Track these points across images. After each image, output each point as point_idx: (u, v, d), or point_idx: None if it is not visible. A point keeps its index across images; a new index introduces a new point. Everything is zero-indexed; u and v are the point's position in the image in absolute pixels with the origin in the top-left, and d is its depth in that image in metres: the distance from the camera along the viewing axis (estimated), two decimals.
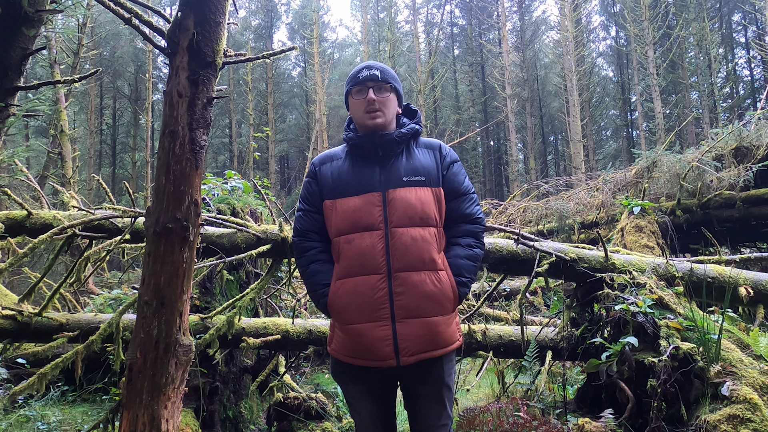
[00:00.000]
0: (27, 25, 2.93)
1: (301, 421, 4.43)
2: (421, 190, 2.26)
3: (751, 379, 3.06)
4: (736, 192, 7.56)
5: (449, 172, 2.37)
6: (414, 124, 2.38)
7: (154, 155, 24.29)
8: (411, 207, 2.21)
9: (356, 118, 2.37)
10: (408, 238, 2.18)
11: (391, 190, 2.23)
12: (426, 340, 2.18)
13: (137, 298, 2.09)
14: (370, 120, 2.30)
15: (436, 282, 2.20)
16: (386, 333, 2.15)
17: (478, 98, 35.57)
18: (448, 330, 2.25)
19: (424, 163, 2.32)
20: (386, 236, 2.18)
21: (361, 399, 2.32)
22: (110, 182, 29.66)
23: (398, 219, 2.20)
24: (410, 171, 2.28)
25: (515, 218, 10.27)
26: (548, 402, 4.05)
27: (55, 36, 13.34)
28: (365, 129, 2.33)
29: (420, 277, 2.18)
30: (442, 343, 2.22)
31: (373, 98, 2.29)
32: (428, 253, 2.21)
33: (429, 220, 2.24)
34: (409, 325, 2.16)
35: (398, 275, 2.17)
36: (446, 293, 2.22)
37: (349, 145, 2.38)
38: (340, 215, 2.25)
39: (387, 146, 2.30)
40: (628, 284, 3.84)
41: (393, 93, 2.37)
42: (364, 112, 2.31)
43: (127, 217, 3.96)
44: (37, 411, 4.58)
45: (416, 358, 2.16)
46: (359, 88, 2.34)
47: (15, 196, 4.30)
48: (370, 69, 2.34)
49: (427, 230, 2.23)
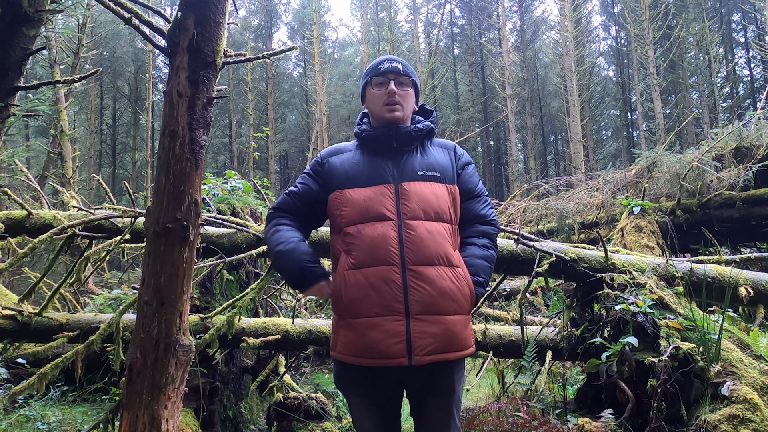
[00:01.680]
0: (27, 25, 2.93)
1: (301, 421, 4.43)
2: (437, 185, 2.21)
3: (752, 379, 3.06)
4: (736, 192, 7.56)
5: (464, 172, 2.34)
6: (429, 122, 2.34)
7: (154, 155, 24.31)
8: (426, 200, 2.15)
9: (374, 110, 2.32)
10: (423, 230, 2.11)
11: (404, 183, 2.17)
12: (442, 340, 2.06)
13: (137, 298, 2.09)
14: (389, 113, 2.25)
15: (454, 279, 2.11)
16: (399, 328, 2.02)
17: (478, 98, 35.57)
18: (465, 332, 2.15)
19: (440, 161, 2.28)
20: (399, 227, 2.10)
21: (366, 411, 2.21)
22: (110, 182, 29.67)
23: (412, 211, 2.13)
24: (425, 166, 2.23)
25: (515, 218, 10.26)
26: (548, 402, 4.05)
27: (55, 36, 13.35)
28: (382, 122, 2.28)
29: (437, 272, 2.08)
30: (459, 346, 2.12)
31: (394, 90, 2.24)
32: (444, 248, 2.13)
33: (444, 215, 2.18)
34: (425, 322, 2.04)
35: (414, 268, 2.06)
36: (464, 291, 2.13)
37: (362, 138, 2.31)
38: (351, 205, 2.17)
39: (402, 139, 2.25)
40: (628, 284, 3.84)
41: (413, 88, 2.34)
42: (384, 104, 2.26)
43: (127, 217, 3.96)
44: (37, 411, 4.57)
45: (430, 358, 2.04)
46: (380, 79, 2.29)
47: (15, 196, 4.31)
48: (392, 62, 2.31)
49: (441, 225, 2.16)
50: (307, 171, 2.37)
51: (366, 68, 2.40)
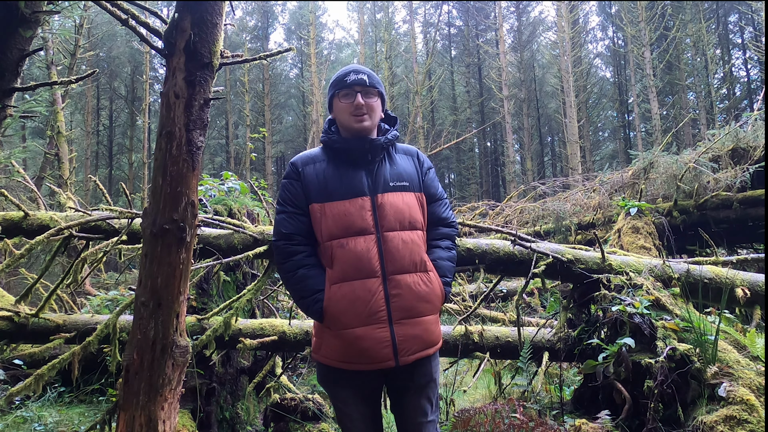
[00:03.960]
0: (24, 27, 2.92)
1: (297, 422, 4.42)
2: (407, 195, 2.33)
3: (748, 380, 3.07)
4: (733, 193, 7.58)
5: (427, 177, 2.46)
6: (395, 131, 2.43)
7: (151, 156, 24.30)
8: (400, 211, 2.27)
9: (342, 121, 2.37)
10: (399, 241, 2.24)
11: (379, 195, 2.27)
12: (422, 339, 2.25)
13: (134, 299, 2.09)
14: (357, 123, 2.32)
15: (427, 282, 2.28)
16: (384, 334, 2.18)
17: (475, 99, 35.61)
18: (438, 328, 2.35)
19: (407, 169, 2.40)
20: (378, 240, 2.22)
21: (352, 402, 2.32)
22: (107, 183, 29.62)
23: (389, 223, 2.24)
24: (395, 176, 2.34)
25: (512, 219, 10.28)
26: (545, 403, 4.05)
27: (52, 37, 13.33)
28: (351, 132, 2.35)
29: (413, 278, 2.25)
30: (435, 341, 2.32)
31: (362, 103, 2.31)
32: (418, 255, 2.28)
33: (416, 223, 2.32)
34: (407, 326, 2.21)
35: (393, 278, 2.21)
36: (436, 293, 2.30)
37: (333, 149, 2.36)
38: (330, 219, 2.24)
39: (375, 151, 2.33)
40: (625, 285, 3.85)
41: (379, 98, 2.41)
42: (351, 114, 2.32)
43: (124, 219, 3.95)
44: (34, 412, 4.57)
45: (414, 357, 2.22)
46: (346, 92, 2.35)
47: (12, 197, 4.30)
48: (357, 73, 2.36)
49: (415, 233, 2.30)
50: (289, 181, 2.37)
51: (332, 79, 2.44)
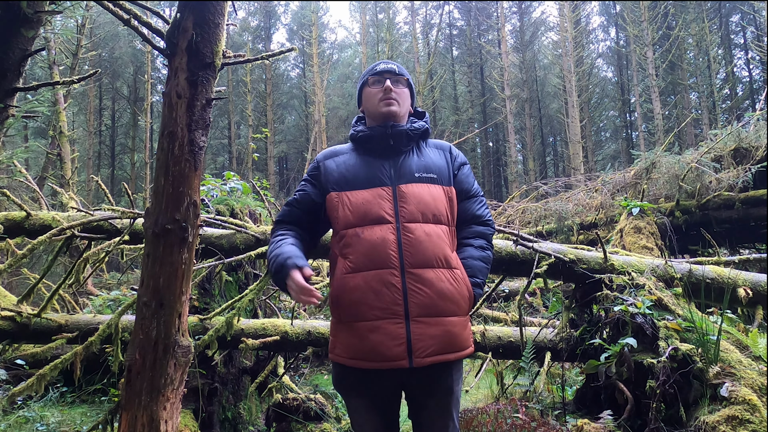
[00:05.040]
0: (26, 27, 2.93)
1: (300, 422, 4.43)
2: (434, 187, 2.22)
3: (750, 380, 3.06)
4: (735, 193, 7.57)
5: (460, 173, 2.35)
6: (424, 122, 2.37)
7: (153, 156, 24.30)
8: (423, 202, 2.17)
9: (370, 107, 2.35)
10: (422, 233, 2.12)
11: (402, 185, 2.18)
12: (442, 342, 2.07)
13: (136, 299, 2.09)
14: (386, 107, 2.28)
15: (453, 280, 2.13)
16: (399, 331, 2.03)
17: (477, 99, 35.58)
18: (464, 333, 2.16)
19: (436, 162, 2.30)
20: (398, 230, 2.11)
21: (365, 413, 2.21)
22: (109, 183, 29.64)
23: (410, 214, 2.14)
24: (422, 168, 2.25)
25: (514, 219, 10.28)
26: (547, 403, 4.05)
27: (54, 37, 13.34)
28: (379, 117, 2.30)
29: (436, 274, 2.10)
30: (458, 347, 2.13)
31: (390, 87, 2.29)
32: (442, 250, 2.14)
33: (441, 217, 2.19)
34: (425, 325, 2.05)
35: (412, 271, 2.07)
36: (462, 293, 2.14)
37: (358, 139, 2.34)
38: (348, 207, 2.18)
39: (398, 138, 2.27)
40: (627, 285, 3.84)
41: (408, 89, 2.39)
42: (380, 100, 2.30)
43: (126, 218, 3.95)
44: (36, 412, 4.57)
45: (431, 360, 2.05)
46: (376, 78, 2.34)
47: (14, 197, 4.31)
48: (387, 63, 2.38)
49: (439, 227, 2.17)
50: (305, 177, 2.40)
51: (363, 72, 2.45)
